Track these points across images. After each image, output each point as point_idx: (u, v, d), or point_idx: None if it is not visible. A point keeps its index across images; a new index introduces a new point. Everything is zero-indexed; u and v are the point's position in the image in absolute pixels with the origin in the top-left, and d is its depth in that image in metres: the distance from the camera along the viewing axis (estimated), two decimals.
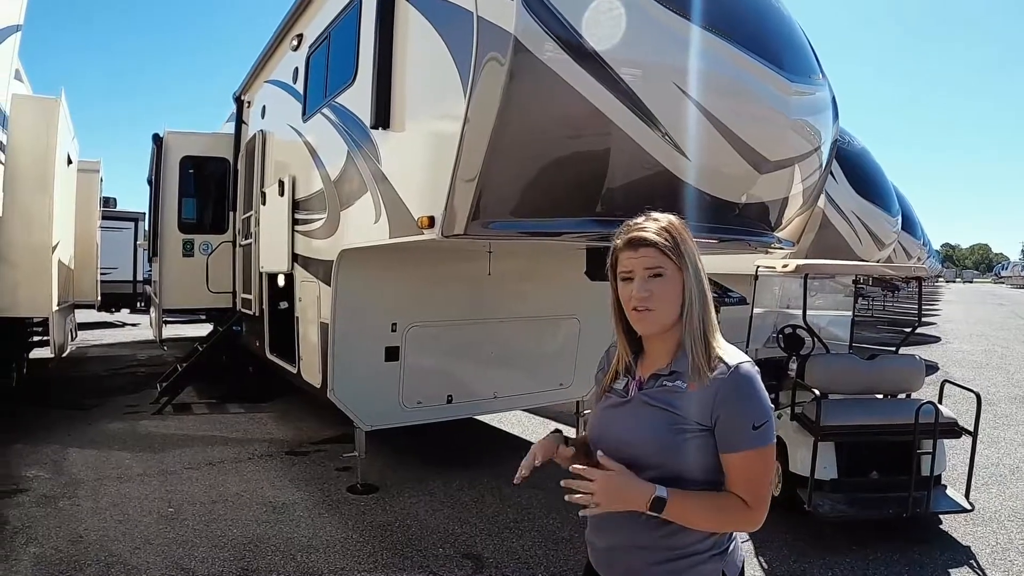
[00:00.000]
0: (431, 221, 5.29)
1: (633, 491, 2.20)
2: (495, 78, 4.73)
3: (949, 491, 6.95)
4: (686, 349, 2.29)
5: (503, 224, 5.13)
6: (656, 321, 2.31)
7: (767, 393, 2.26)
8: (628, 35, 5.01)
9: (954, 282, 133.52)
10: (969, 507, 6.71)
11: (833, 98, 6.57)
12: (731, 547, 2.35)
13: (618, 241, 2.38)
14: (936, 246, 56.67)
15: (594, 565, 2.53)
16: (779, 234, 6.82)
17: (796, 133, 5.96)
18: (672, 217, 2.37)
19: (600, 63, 4.80)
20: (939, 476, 6.89)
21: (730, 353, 2.29)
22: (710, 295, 2.34)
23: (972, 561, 6.27)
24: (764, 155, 5.60)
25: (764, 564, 6.13)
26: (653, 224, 2.33)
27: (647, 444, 2.29)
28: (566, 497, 2.26)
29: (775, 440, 2.25)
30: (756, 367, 2.27)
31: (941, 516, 7.03)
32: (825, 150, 6.53)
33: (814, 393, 6.90)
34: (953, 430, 6.78)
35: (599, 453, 2.29)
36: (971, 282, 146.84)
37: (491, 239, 5.79)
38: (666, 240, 2.28)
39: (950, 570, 6.09)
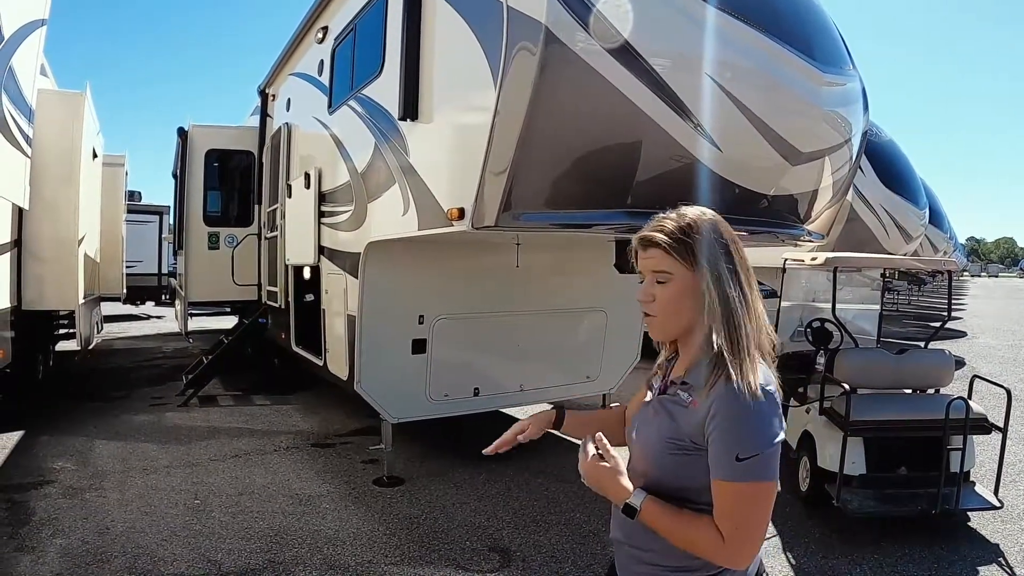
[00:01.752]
0: (461, 213, 5.27)
1: (611, 489, 2.17)
2: (526, 69, 4.70)
3: (978, 488, 6.88)
4: (711, 358, 2.08)
5: (534, 216, 5.10)
6: (658, 328, 2.22)
7: (770, 424, 1.99)
8: (660, 25, 4.98)
9: (979, 276, 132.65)
10: (998, 504, 6.65)
11: (863, 89, 6.50)
12: (724, 571, 2.13)
13: (634, 239, 2.25)
14: (961, 239, 56.24)
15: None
16: (809, 227, 6.76)
17: (828, 124, 5.90)
18: (699, 212, 2.20)
19: (632, 53, 4.76)
20: (968, 472, 6.84)
21: (747, 371, 2.02)
22: (749, 304, 2.12)
23: (1000, 559, 6.21)
24: (796, 146, 5.55)
25: (792, 560, 6.10)
26: (670, 222, 2.17)
27: (643, 452, 2.25)
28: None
29: (766, 480, 1.99)
30: (771, 392, 2.02)
31: (969, 513, 6.96)
32: (855, 142, 6.46)
33: (843, 387, 6.85)
34: (983, 426, 6.71)
35: (598, 434, 2.24)
36: (996, 276, 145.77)
37: (521, 231, 5.75)
38: (675, 241, 2.13)
39: (978, 568, 6.03)
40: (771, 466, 1.98)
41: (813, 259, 7.68)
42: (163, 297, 26.99)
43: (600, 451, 2.22)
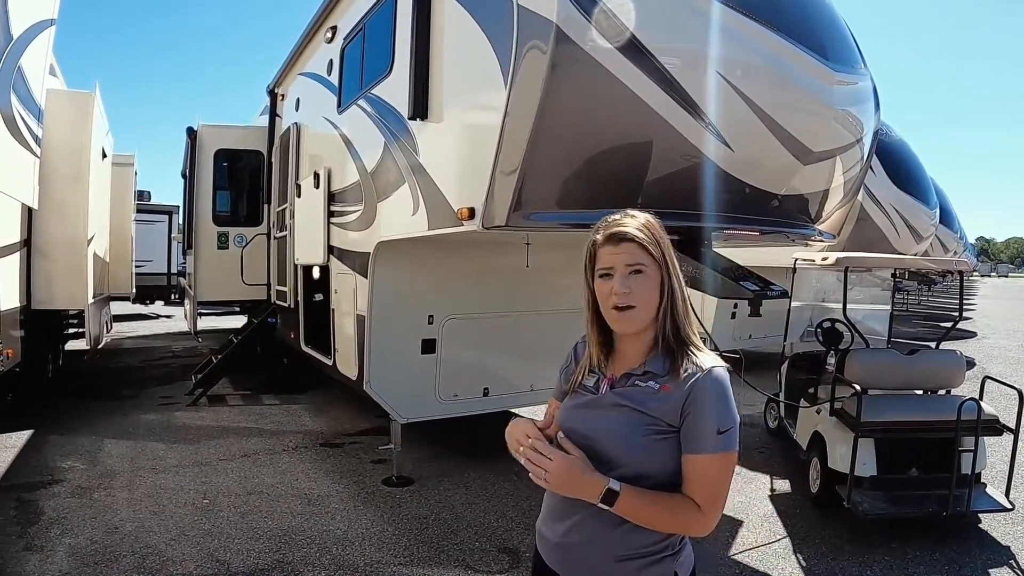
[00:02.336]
0: (471, 212, 5.25)
1: (586, 481, 2.19)
2: (536, 69, 4.68)
3: (989, 490, 6.86)
4: (665, 348, 2.31)
5: (545, 215, 5.07)
6: (637, 319, 2.29)
7: (734, 401, 2.23)
8: (671, 23, 4.95)
9: (989, 276, 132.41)
10: (1009, 506, 6.62)
11: (875, 88, 6.47)
12: (684, 548, 2.36)
13: (597, 236, 2.37)
14: (971, 239, 56.05)
15: (544, 557, 2.50)
16: (820, 226, 6.74)
17: (839, 124, 5.87)
18: (649, 215, 2.37)
19: (643, 51, 4.72)
20: (979, 474, 6.81)
21: (705, 355, 2.28)
22: (687, 293, 2.35)
23: (1012, 561, 6.19)
24: (808, 146, 5.52)
25: (802, 562, 6.08)
26: (632, 220, 2.33)
27: (616, 443, 2.27)
28: (521, 460, 2.28)
29: (737, 448, 2.22)
30: (728, 372, 2.26)
31: (980, 515, 6.93)
32: (867, 141, 6.44)
33: (854, 388, 6.82)
34: (995, 427, 6.68)
35: (559, 435, 2.31)
36: (1006, 276, 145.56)
37: (532, 230, 5.75)
38: (647, 236, 2.29)
39: (990, 570, 6.01)
40: (738, 436, 2.21)
41: (824, 259, 7.66)
42: (172, 296, 27.15)
43: (564, 447, 2.28)
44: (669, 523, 2.23)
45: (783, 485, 7.92)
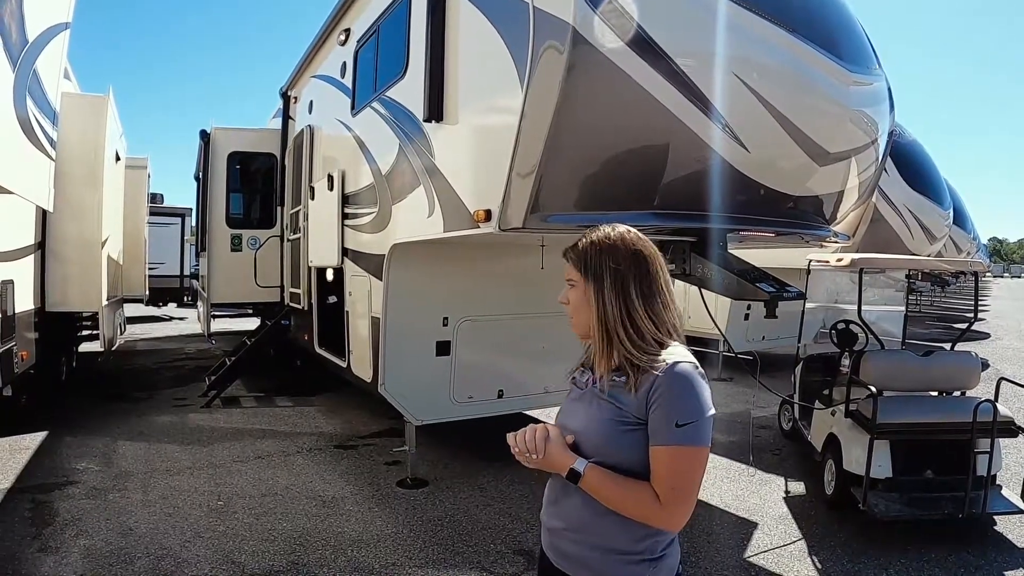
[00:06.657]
0: (488, 215, 5.25)
1: (555, 455, 2.39)
2: (553, 71, 4.67)
3: (1004, 491, 6.83)
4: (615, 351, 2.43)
5: (561, 217, 5.06)
6: (575, 324, 2.53)
7: (705, 397, 2.28)
8: (687, 24, 4.94)
9: (1002, 277, 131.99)
10: None
11: (889, 89, 6.46)
12: (665, 556, 2.41)
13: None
14: (983, 239, 55.90)
15: (544, 546, 2.66)
16: (835, 228, 6.72)
17: (855, 125, 5.85)
18: (607, 233, 2.49)
19: (659, 52, 4.71)
20: (995, 476, 6.77)
21: (673, 353, 2.35)
22: (631, 304, 2.39)
23: None
24: (823, 147, 5.51)
25: (818, 564, 6.07)
26: (583, 239, 2.50)
27: (592, 434, 2.40)
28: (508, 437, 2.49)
29: (702, 444, 2.25)
30: (697, 369, 2.32)
31: (996, 517, 6.91)
32: (882, 142, 6.42)
33: (869, 390, 6.80)
34: (1010, 429, 6.66)
35: (554, 421, 2.56)
36: (1019, 277, 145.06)
37: (549, 233, 5.73)
38: (577, 255, 2.48)
39: (1005, 573, 5.99)
40: (705, 433, 2.26)
41: (839, 260, 7.63)
42: (185, 298, 27.19)
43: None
44: (629, 507, 2.30)
45: (798, 487, 7.91)
